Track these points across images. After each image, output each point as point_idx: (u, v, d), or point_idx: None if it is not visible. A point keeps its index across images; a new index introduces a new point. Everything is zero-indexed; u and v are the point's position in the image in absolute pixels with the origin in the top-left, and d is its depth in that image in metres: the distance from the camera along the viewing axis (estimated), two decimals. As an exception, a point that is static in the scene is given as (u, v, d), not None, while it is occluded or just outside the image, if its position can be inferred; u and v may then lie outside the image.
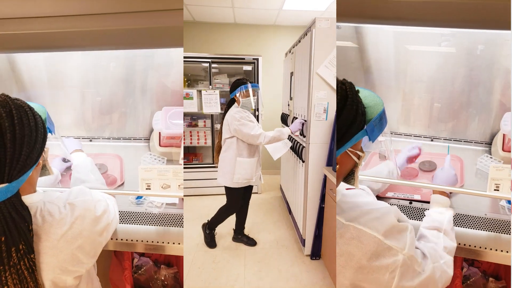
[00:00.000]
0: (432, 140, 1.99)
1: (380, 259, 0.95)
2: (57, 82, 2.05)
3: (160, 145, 2.00)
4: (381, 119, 1.01)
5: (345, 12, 1.30)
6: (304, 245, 2.97)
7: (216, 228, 3.17)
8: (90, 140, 2.15)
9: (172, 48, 1.83)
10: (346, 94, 0.96)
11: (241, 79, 2.90)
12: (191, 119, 4.66)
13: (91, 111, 2.13)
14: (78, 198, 1.11)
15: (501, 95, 1.79)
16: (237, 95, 2.82)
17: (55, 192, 1.14)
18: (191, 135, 4.63)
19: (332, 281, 2.53)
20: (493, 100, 1.82)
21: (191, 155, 4.75)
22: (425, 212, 1.39)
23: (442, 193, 1.40)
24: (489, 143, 1.88)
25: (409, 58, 1.91)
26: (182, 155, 1.57)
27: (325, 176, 2.62)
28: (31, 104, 1.04)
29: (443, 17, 1.31)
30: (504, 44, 1.70)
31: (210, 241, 3.14)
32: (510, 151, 1.73)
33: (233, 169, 2.84)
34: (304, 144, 2.86)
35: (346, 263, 0.97)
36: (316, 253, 2.90)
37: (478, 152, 1.85)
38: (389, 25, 1.72)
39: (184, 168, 4.41)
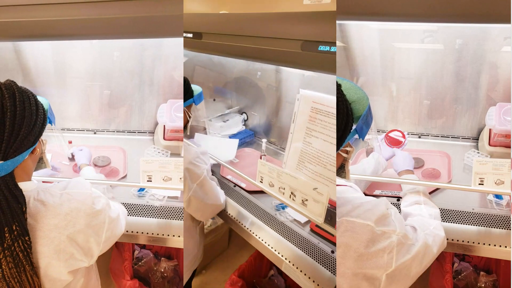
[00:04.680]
0: (419, 137, 1.89)
1: (376, 244, 0.92)
2: (64, 72, 1.92)
3: (164, 138, 1.89)
4: (368, 116, 0.95)
5: (347, 10, 1.18)
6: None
7: None
8: (95, 133, 2.03)
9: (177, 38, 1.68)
10: (336, 97, 0.89)
11: None
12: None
13: (97, 102, 2.00)
14: (76, 189, 0.99)
15: (489, 90, 1.69)
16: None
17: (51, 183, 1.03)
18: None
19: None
20: (479, 95, 1.72)
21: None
22: (400, 194, 1.36)
23: (408, 171, 1.38)
24: (476, 138, 1.79)
25: (395, 55, 1.81)
26: (184, 148, 1.47)
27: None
28: None
29: (433, 12, 1.20)
30: (487, 39, 1.60)
31: None
32: (496, 146, 1.64)
33: None
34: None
35: (344, 253, 0.93)
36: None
37: (466, 147, 1.76)
38: (381, 21, 1.62)
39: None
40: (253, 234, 1.42)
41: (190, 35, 1.66)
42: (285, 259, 1.29)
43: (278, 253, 1.31)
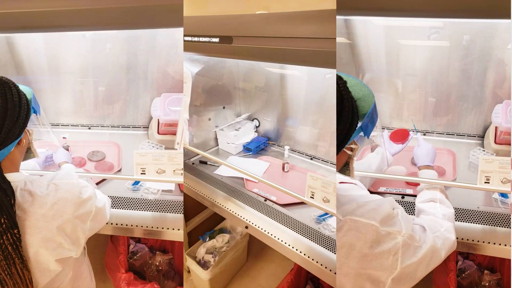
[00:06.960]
0: (424, 134, 1.90)
1: (381, 245, 0.90)
2: (57, 67, 1.93)
3: (158, 132, 1.90)
4: (373, 113, 0.93)
5: (346, 5, 1.18)
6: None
7: None
8: (89, 128, 2.04)
9: (174, 29, 1.70)
10: (341, 95, 0.86)
11: None
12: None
13: (91, 98, 2.01)
14: (64, 180, 1.01)
15: (495, 87, 1.69)
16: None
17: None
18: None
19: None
20: (485, 92, 1.72)
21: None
22: (417, 189, 1.34)
23: (428, 167, 1.34)
24: (482, 136, 1.79)
25: (400, 52, 1.81)
26: (177, 140, 1.47)
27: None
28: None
29: (437, 7, 1.21)
30: (494, 35, 1.60)
31: None
32: (502, 144, 1.64)
33: None
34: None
35: (348, 253, 0.92)
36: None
37: (471, 145, 1.76)
38: (385, 16, 1.62)
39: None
40: (295, 250, 1.32)
41: (216, 40, 1.48)
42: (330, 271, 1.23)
43: (325, 267, 1.25)
